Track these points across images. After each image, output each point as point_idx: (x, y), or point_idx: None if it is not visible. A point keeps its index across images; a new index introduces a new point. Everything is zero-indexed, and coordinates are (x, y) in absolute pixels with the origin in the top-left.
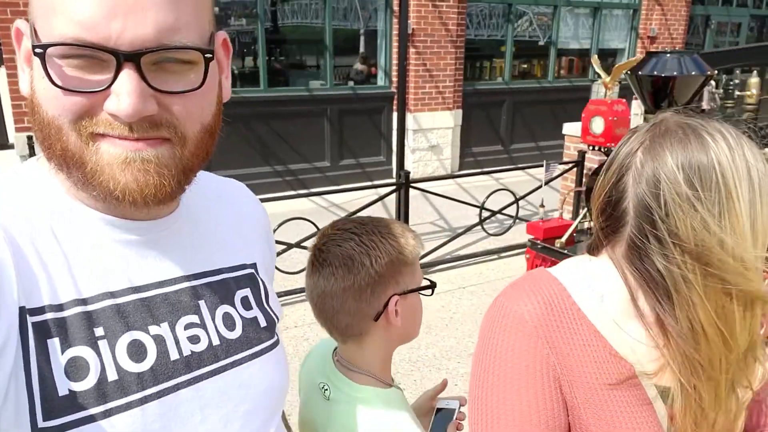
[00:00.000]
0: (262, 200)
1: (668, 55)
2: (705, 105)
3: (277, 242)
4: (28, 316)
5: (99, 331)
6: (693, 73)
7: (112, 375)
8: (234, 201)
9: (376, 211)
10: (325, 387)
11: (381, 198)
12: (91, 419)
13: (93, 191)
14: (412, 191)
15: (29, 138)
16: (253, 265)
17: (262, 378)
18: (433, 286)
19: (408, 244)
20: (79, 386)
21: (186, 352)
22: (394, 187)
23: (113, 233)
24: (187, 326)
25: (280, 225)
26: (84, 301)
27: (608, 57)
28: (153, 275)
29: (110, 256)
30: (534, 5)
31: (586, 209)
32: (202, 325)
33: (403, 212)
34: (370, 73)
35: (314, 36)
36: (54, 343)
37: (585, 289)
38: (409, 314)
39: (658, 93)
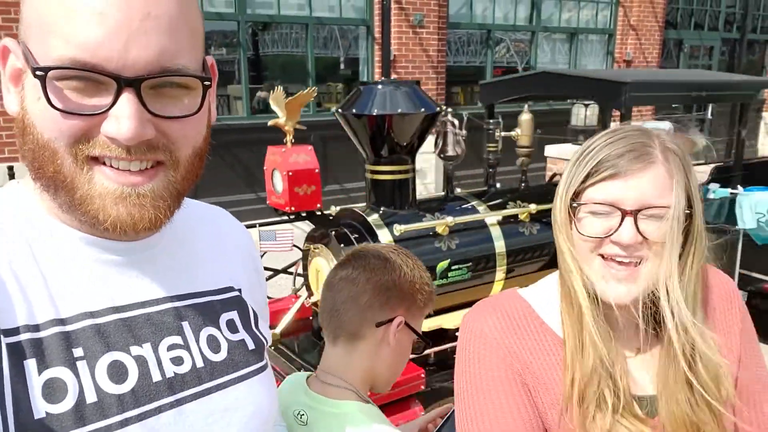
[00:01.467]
0: (247, 227)
1: (380, 86)
2: (450, 151)
3: (265, 268)
4: (2, 336)
5: (78, 352)
6: (411, 111)
7: (91, 397)
8: (217, 226)
9: None
10: (301, 413)
11: None
12: None
13: (81, 216)
14: None
15: (9, 168)
16: (239, 289)
17: (249, 401)
18: (424, 347)
19: (432, 291)
20: (56, 409)
21: (169, 374)
22: None
23: (95, 253)
24: (171, 347)
25: (266, 252)
26: (62, 321)
27: None
28: (135, 295)
29: (91, 276)
30: (512, 32)
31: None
32: (186, 347)
33: None
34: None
35: (296, 64)
36: (30, 365)
37: (548, 302)
38: (399, 349)
39: (375, 137)
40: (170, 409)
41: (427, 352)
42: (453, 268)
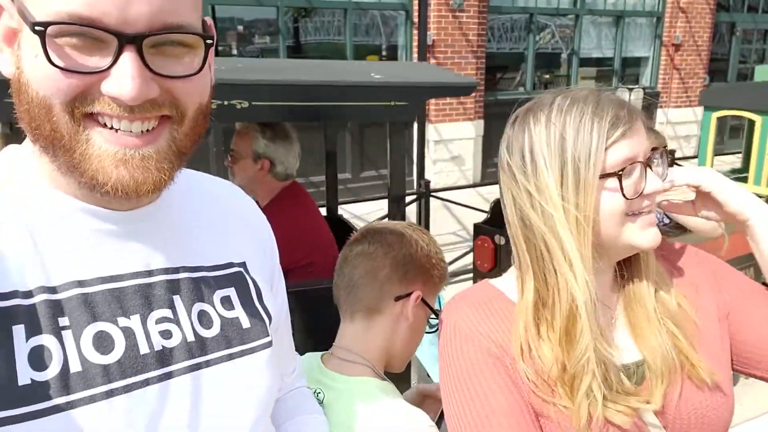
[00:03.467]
0: None
1: None
2: None
3: None
4: None
5: (64, 321)
6: None
7: (75, 366)
8: (222, 200)
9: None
10: (317, 392)
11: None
12: (54, 410)
13: (80, 178)
14: (432, 202)
15: None
16: (242, 264)
17: (242, 378)
18: (436, 313)
19: (445, 266)
20: (41, 376)
21: (157, 347)
22: (414, 197)
23: (90, 222)
24: (160, 320)
25: None
26: (51, 290)
27: (632, 65)
28: (127, 266)
29: (84, 245)
30: (555, 16)
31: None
32: (176, 321)
33: (423, 222)
34: None
35: (336, 51)
36: (19, 330)
37: (516, 284)
38: (415, 325)
39: None
40: (158, 382)
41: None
42: None
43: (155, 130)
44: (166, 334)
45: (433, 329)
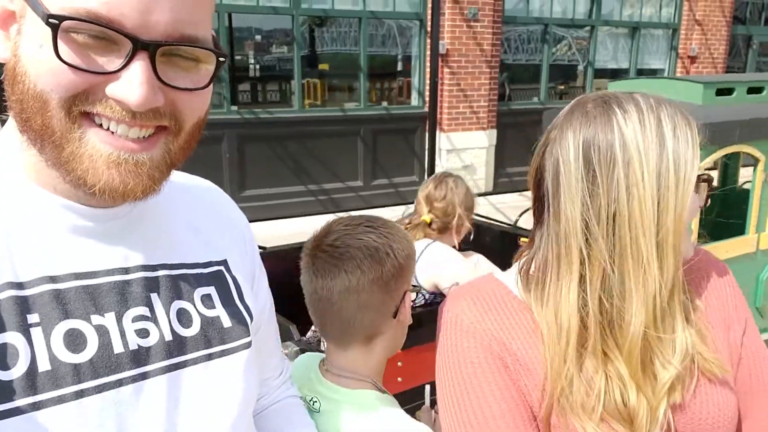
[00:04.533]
0: (295, 218)
1: None
2: None
3: None
4: None
5: (33, 318)
6: None
7: (44, 365)
8: (201, 197)
9: None
10: (314, 400)
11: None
12: (19, 411)
13: (66, 176)
14: None
15: None
16: (223, 263)
17: (222, 378)
18: (417, 288)
19: (411, 241)
20: (5, 375)
21: (132, 346)
22: None
23: (66, 217)
24: (136, 318)
25: None
26: (19, 285)
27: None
28: (102, 263)
29: (58, 240)
30: (571, 27)
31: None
32: (153, 319)
33: None
34: (404, 94)
35: (350, 60)
36: None
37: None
38: (408, 313)
39: None
40: (132, 383)
41: None
42: None
43: (152, 138)
44: (143, 333)
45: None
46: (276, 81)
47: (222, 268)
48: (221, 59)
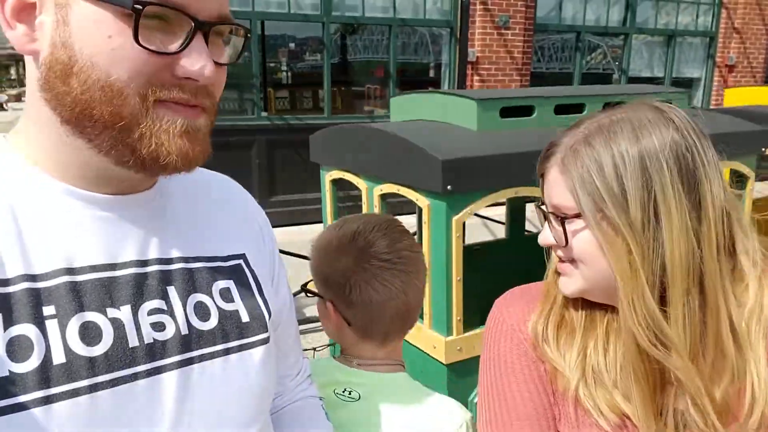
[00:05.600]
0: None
1: None
2: None
3: None
4: None
5: (49, 310)
6: None
7: (58, 358)
8: (221, 191)
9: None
10: (349, 390)
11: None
12: (34, 403)
13: (126, 157)
14: (469, 218)
15: None
16: (242, 256)
17: (240, 374)
18: None
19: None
20: (20, 368)
21: (148, 340)
22: None
23: (83, 207)
24: (152, 312)
25: None
26: (34, 277)
27: (684, 86)
28: (118, 255)
29: (74, 232)
30: (604, 35)
31: None
32: (170, 312)
33: None
34: None
35: (380, 67)
36: None
37: None
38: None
39: None
40: (147, 377)
41: None
42: None
43: (200, 107)
44: (159, 327)
45: None
46: (306, 88)
47: (241, 261)
48: (249, 36)
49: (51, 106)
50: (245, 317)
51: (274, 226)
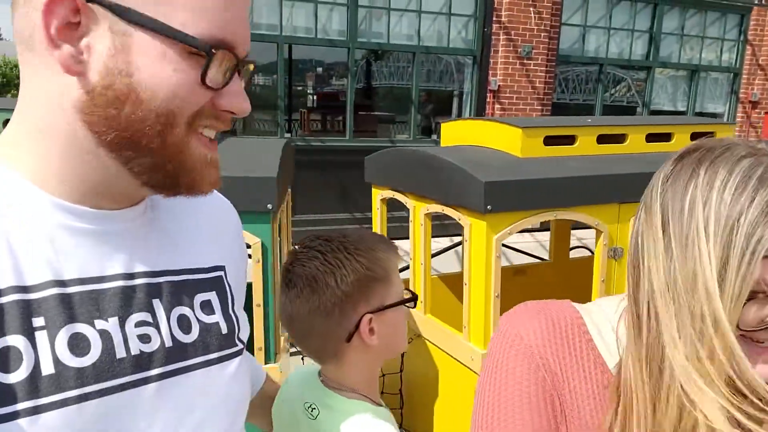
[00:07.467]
0: None
1: None
2: None
3: None
4: None
5: (39, 321)
6: None
7: (47, 368)
8: (204, 203)
9: (449, 258)
10: (312, 407)
11: (455, 246)
12: (21, 414)
13: (159, 181)
14: None
15: None
16: (222, 268)
17: (218, 386)
18: (414, 298)
19: (379, 259)
20: (8, 378)
21: (135, 351)
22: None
23: (70, 221)
24: (138, 324)
25: None
26: (25, 289)
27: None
28: (106, 267)
29: (63, 245)
30: (627, 68)
31: None
32: (155, 325)
33: None
34: None
35: (402, 94)
36: None
37: (602, 321)
38: (390, 330)
39: None
40: (133, 388)
41: None
42: None
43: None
44: (145, 338)
45: (413, 306)
46: (329, 111)
47: (222, 273)
48: (254, 68)
49: (92, 127)
50: (224, 329)
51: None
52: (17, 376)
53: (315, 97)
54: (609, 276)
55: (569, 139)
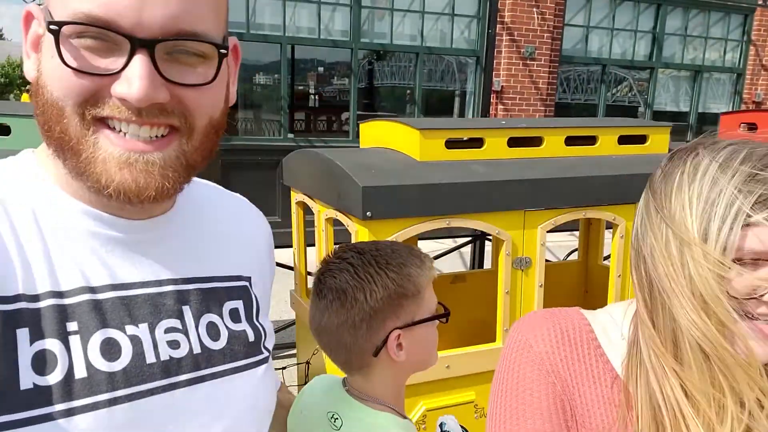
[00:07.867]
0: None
1: None
2: None
3: None
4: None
5: (72, 326)
6: None
7: (80, 372)
8: (235, 213)
9: (452, 260)
10: (336, 417)
11: (458, 247)
12: (55, 416)
13: (86, 182)
14: (488, 243)
15: None
16: (248, 279)
17: (245, 393)
18: (446, 314)
19: (410, 275)
20: (44, 381)
21: (164, 357)
22: (470, 238)
23: (101, 229)
24: (168, 330)
25: None
26: (60, 294)
27: (710, 122)
28: (137, 274)
29: (95, 252)
30: (630, 68)
31: None
32: (184, 331)
33: (477, 263)
34: None
35: (406, 94)
36: (23, 333)
37: (611, 328)
38: (420, 346)
39: None
40: (162, 393)
41: None
42: None
43: (164, 138)
44: (174, 344)
45: (446, 321)
46: (333, 111)
47: (247, 283)
48: (222, 51)
49: (38, 128)
50: (251, 337)
51: None
52: (53, 379)
53: (317, 97)
54: (515, 286)
55: (477, 142)
